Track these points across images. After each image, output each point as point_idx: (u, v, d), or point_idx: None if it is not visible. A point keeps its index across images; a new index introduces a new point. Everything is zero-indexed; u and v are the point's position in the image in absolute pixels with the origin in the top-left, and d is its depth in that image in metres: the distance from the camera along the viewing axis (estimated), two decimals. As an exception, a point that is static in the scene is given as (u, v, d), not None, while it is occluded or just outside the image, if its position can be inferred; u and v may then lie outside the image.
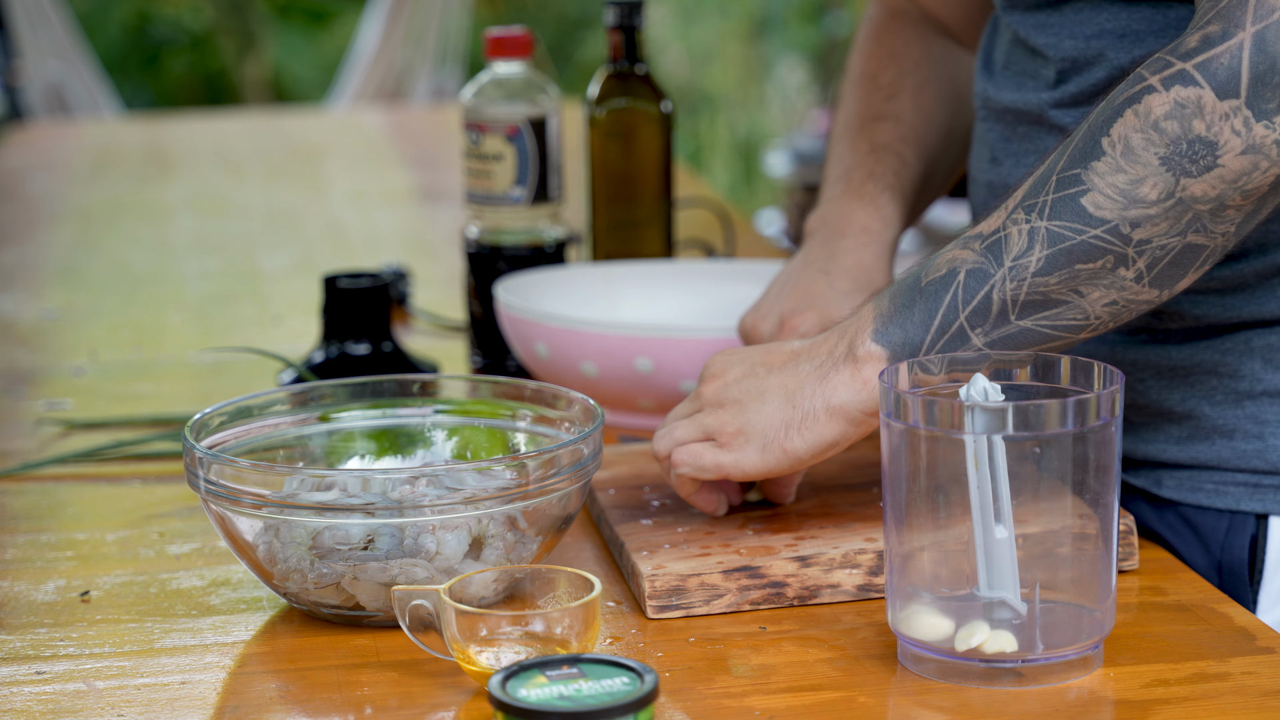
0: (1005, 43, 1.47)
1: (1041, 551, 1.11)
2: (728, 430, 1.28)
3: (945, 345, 1.24)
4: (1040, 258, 1.21)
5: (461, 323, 2.01)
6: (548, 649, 1.11)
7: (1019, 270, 1.22)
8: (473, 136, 1.76)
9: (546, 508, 1.24)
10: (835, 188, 1.59)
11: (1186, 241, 1.20)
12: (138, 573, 1.35)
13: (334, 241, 2.54)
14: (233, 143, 3.38)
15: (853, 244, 1.54)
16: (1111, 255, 1.20)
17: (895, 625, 1.15)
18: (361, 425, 1.38)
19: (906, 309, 1.25)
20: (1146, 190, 1.19)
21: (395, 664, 1.18)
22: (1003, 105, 1.46)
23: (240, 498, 1.21)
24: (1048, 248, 1.21)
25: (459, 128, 1.79)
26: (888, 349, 1.25)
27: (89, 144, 3.44)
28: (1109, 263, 1.20)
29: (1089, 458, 1.10)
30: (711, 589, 1.25)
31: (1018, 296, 1.22)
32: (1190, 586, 1.27)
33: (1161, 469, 1.40)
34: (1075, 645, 1.12)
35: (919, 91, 1.62)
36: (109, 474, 1.59)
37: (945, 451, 1.10)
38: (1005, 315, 1.23)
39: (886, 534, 1.14)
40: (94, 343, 2.04)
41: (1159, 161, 1.18)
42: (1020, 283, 1.22)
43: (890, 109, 1.61)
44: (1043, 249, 1.21)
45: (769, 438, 1.27)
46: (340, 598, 1.23)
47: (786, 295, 1.53)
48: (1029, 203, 1.22)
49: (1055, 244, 1.21)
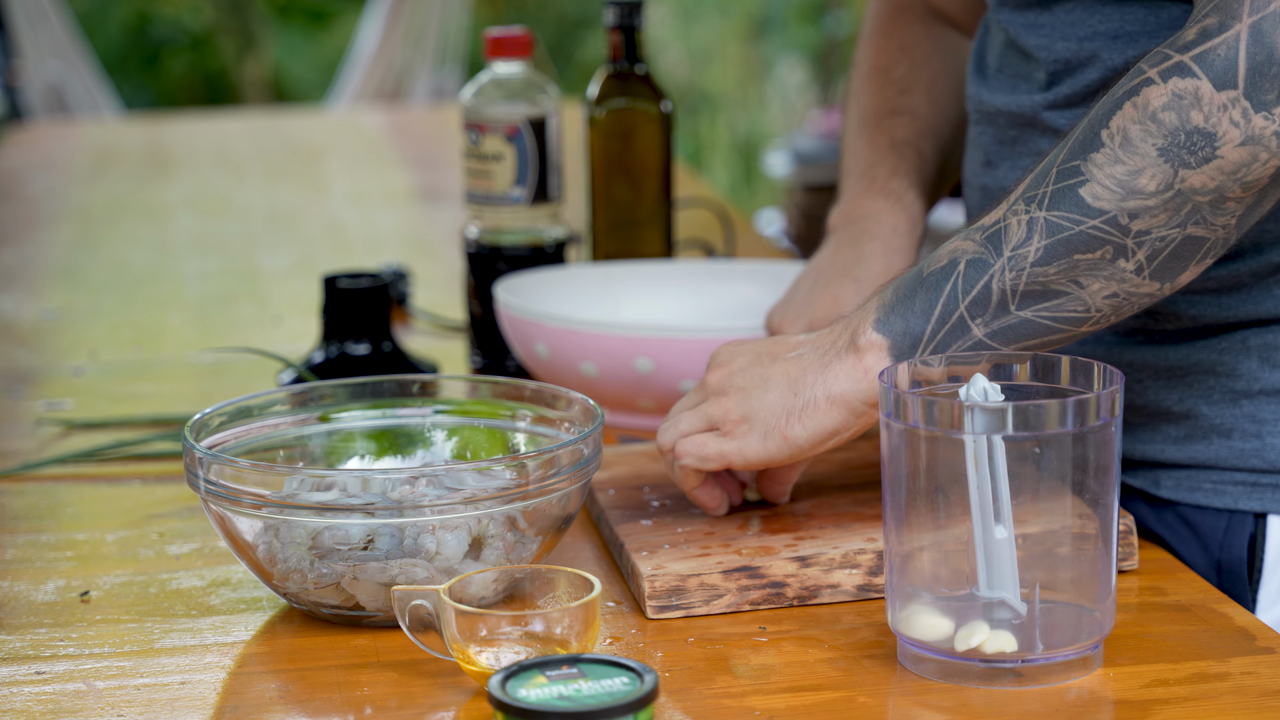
0: (998, 45, 1.47)
1: (1041, 551, 1.11)
2: (731, 418, 1.29)
3: (946, 335, 1.24)
4: (1039, 247, 1.21)
5: (461, 323, 2.01)
6: (548, 649, 1.11)
7: (1018, 260, 1.22)
8: (472, 136, 1.76)
9: (546, 508, 1.24)
10: (859, 183, 1.59)
11: (1186, 233, 1.20)
12: (137, 573, 1.35)
13: (334, 241, 2.54)
14: (233, 143, 3.38)
15: (882, 247, 1.54)
16: (1110, 246, 1.21)
17: (895, 625, 1.15)
18: (361, 425, 1.38)
19: (908, 299, 1.25)
20: (1145, 181, 1.19)
21: (395, 664, 1.18)
22: (995, 108, 1.46)
23: (240, 498, 1.21)
24: (1046, 237, 1.21)
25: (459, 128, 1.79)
26: (889, 338, 1.25)
27: (89, 144, 3.44)
28: (1108, 253, 1.21)
29: (1089, 458, 1.10)
30: (711, 589, 1.25)
31: (1017, 286, 1.22)
32: (1190, 586, 1.27)
33: (1159, 469, 1.40)
34: (1075, 645, 1.12)
35: (931, 85, 1.63)
36: (109, 474, 1.59)
37: (945, 451, 1.10)
38: (1005, 305, 1.23)
39: (886, 534, 1.15)
40: (94, 343, 2.04)
41: (1157, 153, 1.18)
42: (1019, 272, 1.22)
43: (905, 104, 1.61)
44: (1041, 239, 1.21)
45: (770, 425, 1.27)
46: (340, 598, 1.23)
47: (816, 300, 1.53)
48: (1029, 194, 1.22)
49: (1054, 234, 1.21)
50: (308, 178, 3.03)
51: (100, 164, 3.19)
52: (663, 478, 1.43)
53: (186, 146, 3.35)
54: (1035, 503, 1.10)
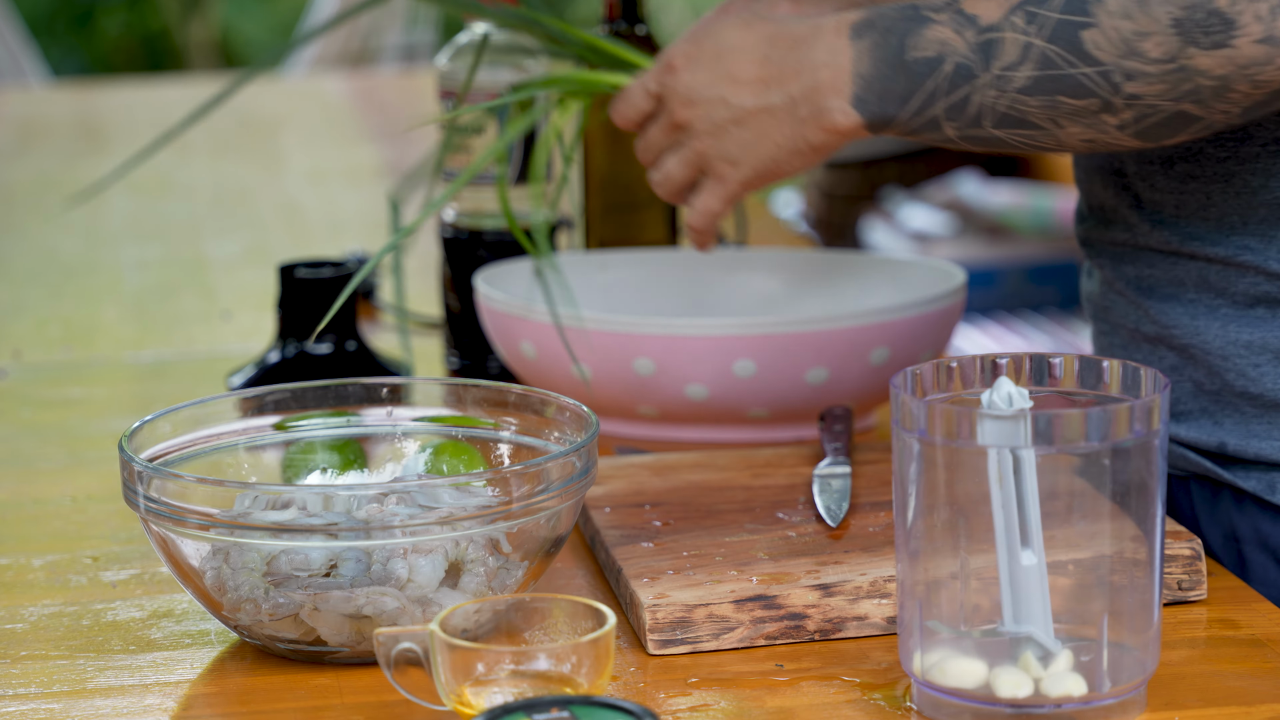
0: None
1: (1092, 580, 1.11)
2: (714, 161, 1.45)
3: (919, 127, 1.36)
4: (1028, 77, 1.30)
5: (437, 319, 2.01)
6: (557, 690, 1.11)
7: (1004, 81, 1.30)
8: (449, 106, 1.76)
9: (533, 529, 1.24)
10: None
11: (1180, 109, 1.28)
12: (68, 603, 1.35)
13: (290, 226, 2.54)
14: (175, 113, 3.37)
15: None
16: (1098, 99, 1.28)
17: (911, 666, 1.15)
18: (323, 435, 1.38)
19: (888, 79, 1.35)
20: (1149, 46, 1.25)
21: (362, 706, 1.19)
22: None
23: (185, 517, 1.21)
24: (1037, 69, 1.29)
25: (433, 96, 1.79)
26: (864, 118, 1.37)
27: (11, 114, 3.45)
28: (1094, 105, 1.29)
29: (1126, 474, 1.10)
30: (721, 621, 1.25)
31: (996, 107, 1.31)
32: (1266, 619, 1.28)
33: (1276, 471, 1.40)
34: (1115, 689, 1.12)
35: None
36: (36, 491, 1.59)
37: (964, 466, 1.10)
38: (980, 120, 1.33)
39: (899, 561, 1.14)
40: (18, 341, 2.04)
41: (1170, 22, 1.25)
42: (1002, 94, 1.31)
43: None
44: (1032, 69, 1.29)
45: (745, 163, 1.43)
46: (298, 631, 1.23)
47: None
48: (1032, 8, 1.29)
49: (1045, 68, 1.29)
50: (261, 153, 3.04)
51: (24, 137, 3.19)
52: (666, 494, 1.43)
53: (123, 117, 3.35)
54: (1068, 526, 1.10)
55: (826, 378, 1.56)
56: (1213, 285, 1.40)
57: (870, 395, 1.60)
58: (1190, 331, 1.41)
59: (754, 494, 1.44)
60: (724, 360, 1.55)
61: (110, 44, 6.94)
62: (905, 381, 1.15)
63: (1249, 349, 1.39)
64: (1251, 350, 1.39)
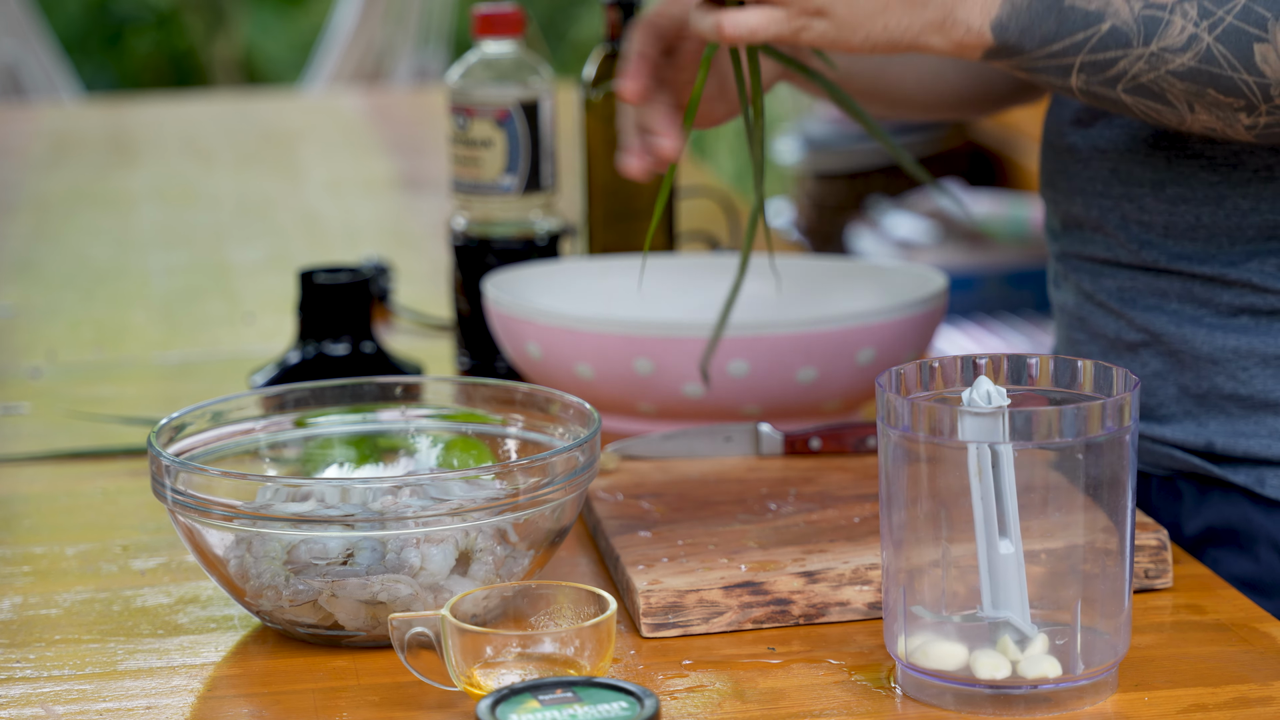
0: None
1: (1065, 569, 1.12)
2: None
3: (1045, 64, 1.29)
4: (1186, 64, 1.25)
5: (447, 321, 2.01)
6: (560, 673, 1.11)
7: (1160, 59, 1.26)
8: (459, 121, 1.76)
9: (539, 520, 1.24)
10: None
11: None
12: (99, 589, 1.35)
13: (310, 234, 2.54)
14: (201, 127, 3.38)
15: None
16: (1245, 101, 1.26)
17: (896, 649, 1.15)
18: (340, 431, 1.38)
19: (1040, 17, 1.28)
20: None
21: (377, 687, 1.19)
22: None
23: (210, 508, 1.21)
24: (1197, 61, 1.25)
25: (444, 111, 1.79)
26: (997, 41, 1.29)
27: (46, 129, 3.44)
28: (1238, 104, 1.26)
29: (1099, 469, 1.10)
30: (711, 606, 1.25)
31: (1140, 78, 1.27)
32: (1230, 605, 1.28)
33: (1265, 466, 1.40)
34: (1088, 670, 1.12)
35: None
36: (69, 484, 1.59)
37: (946, 461, 1.10)
38: (1115, 83, 1.27)
39: (884, 550, 1.15)
40: (52, 342, 2.04)
41: None
42: (1153, 69, 1.26)
43: None
44: (1192, 59, 1.25)
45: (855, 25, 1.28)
46: (317, 616, 1.23)
47: None
48: (1208, 4, 1.25)
49: (1206, 63, 1.25)
50: (281, 165, 3.04)
51: (58, 150, 3.19)
52: (663, 487, 1.43)
53: (151, 131, 3.35)
54: (1043, 517, 1.11)
55: (816, 377, 1.56)
56: (1196, 297, 1.39)
57: (857, 394, 1.60)
58: (1179, 338, 1.40)
59: (747, 487, 1.44)
60: (719, 360, 1.55)
61: (139, 62, 6.94)
62: (890, 381, 1.15)
63: (1236, 354, 1.39)
64: (1239, 355, 1.39)
